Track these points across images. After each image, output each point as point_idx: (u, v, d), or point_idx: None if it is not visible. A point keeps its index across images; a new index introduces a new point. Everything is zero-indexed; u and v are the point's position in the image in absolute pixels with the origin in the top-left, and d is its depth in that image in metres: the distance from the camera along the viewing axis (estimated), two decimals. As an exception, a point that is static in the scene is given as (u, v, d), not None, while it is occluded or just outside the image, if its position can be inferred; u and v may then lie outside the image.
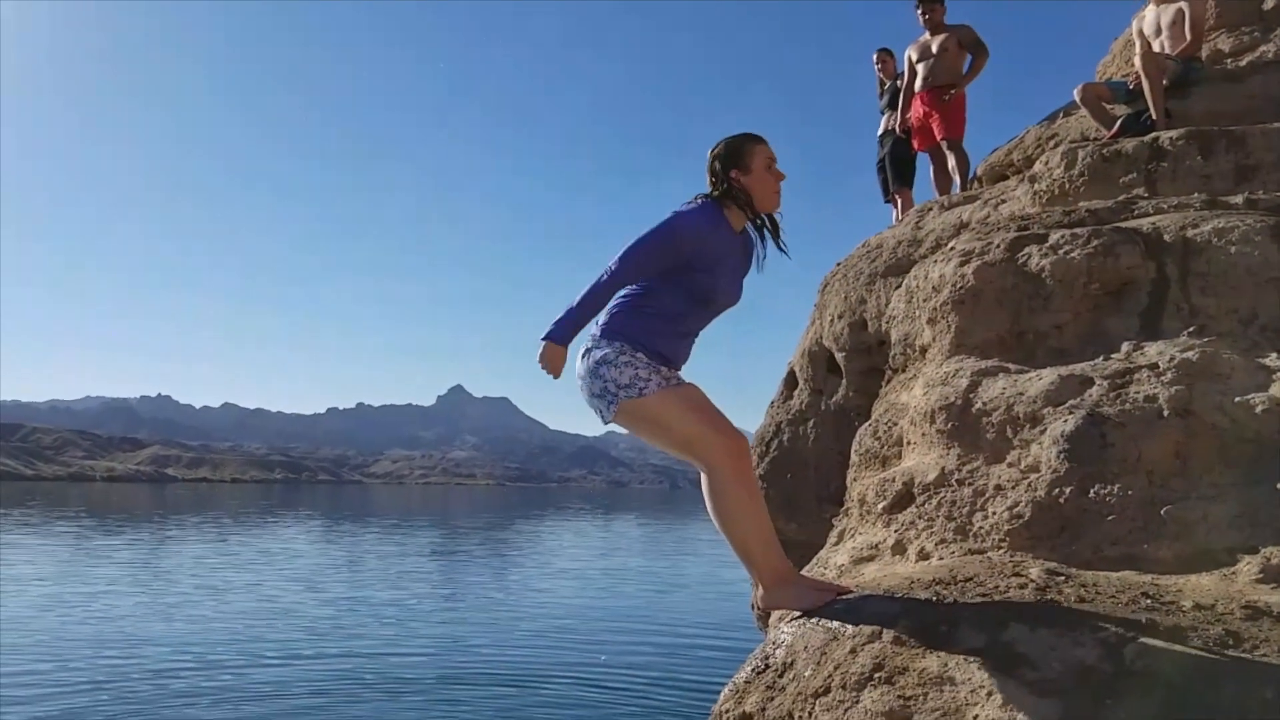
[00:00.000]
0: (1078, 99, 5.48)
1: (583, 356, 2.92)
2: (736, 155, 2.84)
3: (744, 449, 2.90)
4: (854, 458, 3.69)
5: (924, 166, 7.98)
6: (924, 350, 3.70)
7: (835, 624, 2.66)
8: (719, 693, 2.91)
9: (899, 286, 4.15)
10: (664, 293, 2.85)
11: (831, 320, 4.70)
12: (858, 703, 2.35)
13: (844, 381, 4.77)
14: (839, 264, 4.92)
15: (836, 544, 3.50)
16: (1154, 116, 4.97)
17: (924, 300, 3.71)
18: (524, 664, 12.56)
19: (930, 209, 4.47)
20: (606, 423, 2.96)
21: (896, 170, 7.97)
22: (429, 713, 10.19)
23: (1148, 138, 4.42)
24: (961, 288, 3.50)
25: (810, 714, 2.45)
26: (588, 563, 28.20)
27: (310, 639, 14.39)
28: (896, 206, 7.81)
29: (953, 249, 3.79)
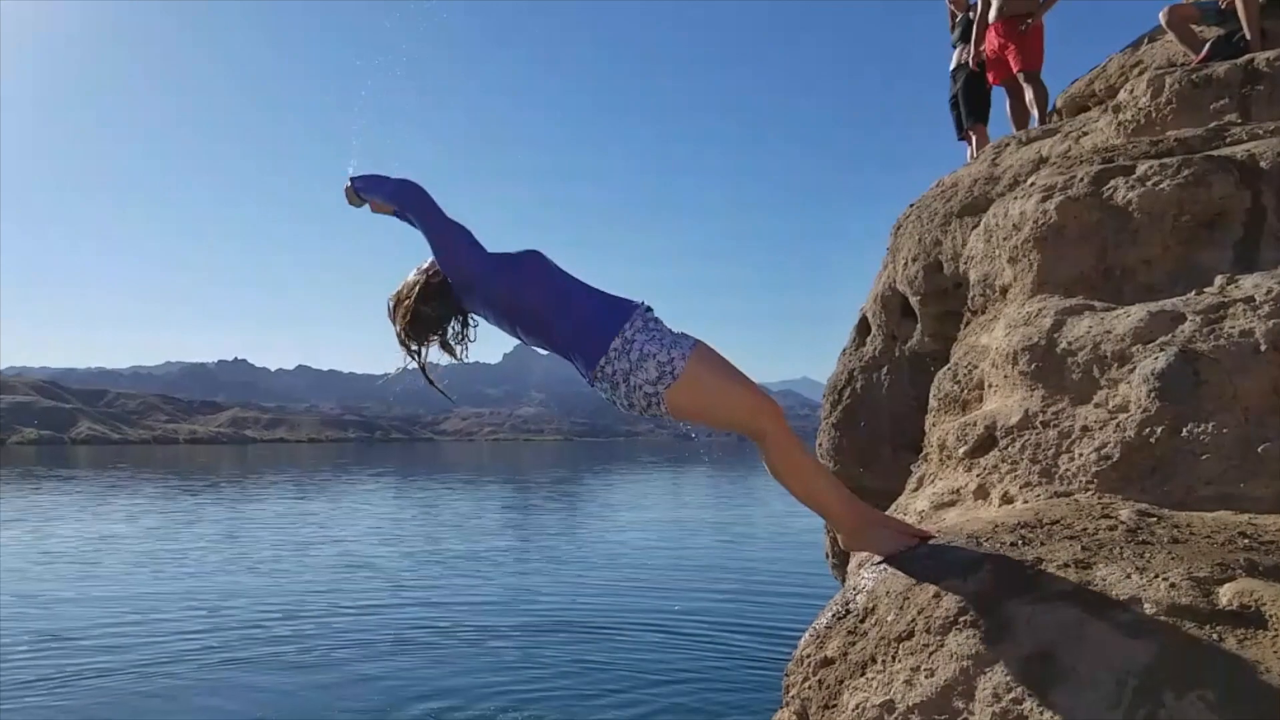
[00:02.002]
0: (1163, 22, 5.23)
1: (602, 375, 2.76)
2: None
3: (778, 406, 2.82)
4: (932, 402, 3.61)
5: (999, 101, 7.72)
6: (1004, 290, 3.60)
7: (918, 568, 2.62)
8: (796, 638, 2.91)
9: (976, 226, 4.03)
10: None
11: (905, 263, 4.59)
12: (943, 646, 2.31)
13: (919, 326, 4.67)
14: (912, 205, 4.79)
15: (916, 490, 3.45)
16: (1248, 37, 4.72)
17: (1004, 239, 3.60)
18: (598, 613, 12.76)
19: (1007, 145, 4.31)
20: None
21: (970, 106, 7.71)
22: (507, 660, 10.42)
23: (1240, 60, 4.20)
24: (1044, 224, 3.38)
25: (894, 658, 2.42)
26: (657, 514, 28.42)
27: (390, 590, 14.80)
28: (971, 144, 7.58)
29: (1033, 184, 3.66)
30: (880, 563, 2.75)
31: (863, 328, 5.19)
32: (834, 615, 2.74)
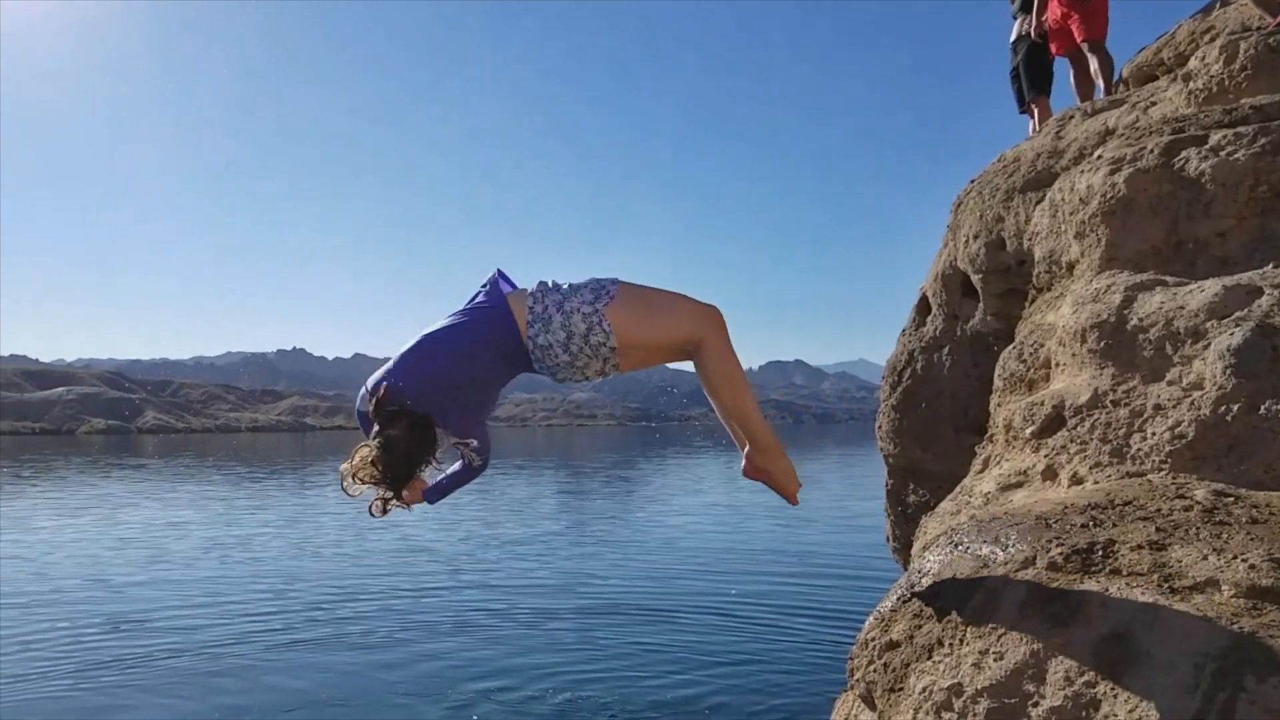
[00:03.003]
0: (1236, -14, 5.05)
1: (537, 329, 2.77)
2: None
3: (719, 312, 2.84)
4: (997, 382, 3.54)
5: (1062, 72, 7.51)
6: (1071, 267, 3.51)
7: (986, 551, 2.58)
8: (856, 622, 2.88)
9: (1040, 201, 3.93)
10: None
11: (967, 241, 4.49)
12: (1012, 629, 2.28)
13: (981, 305, 4.58)
14: (973, 181, 4.69)
15: (981, 472, 3.39)
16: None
17: (1070, 213, 3.50)
18: (654, 596, 12.80)
19: (1071, 117, 4.19)
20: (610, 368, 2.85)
21: (1032, 78, 7.52)
22: (564, 641, 10.51)
23: (1320, 24, 4.04)
24: (1112, 198, 3.28)
25: (961, 641, 2.39)
26: (712, 498, 28.40)
27: (448, 573, 15.00)
28: (1033, 117, 7.39)
29: (1100, 157, 3.56)
30: (947, 545, 2.71)
31: (923, 307, 5.10)
32: (899, 598, 2.71)
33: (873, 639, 2.67)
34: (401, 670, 9.47)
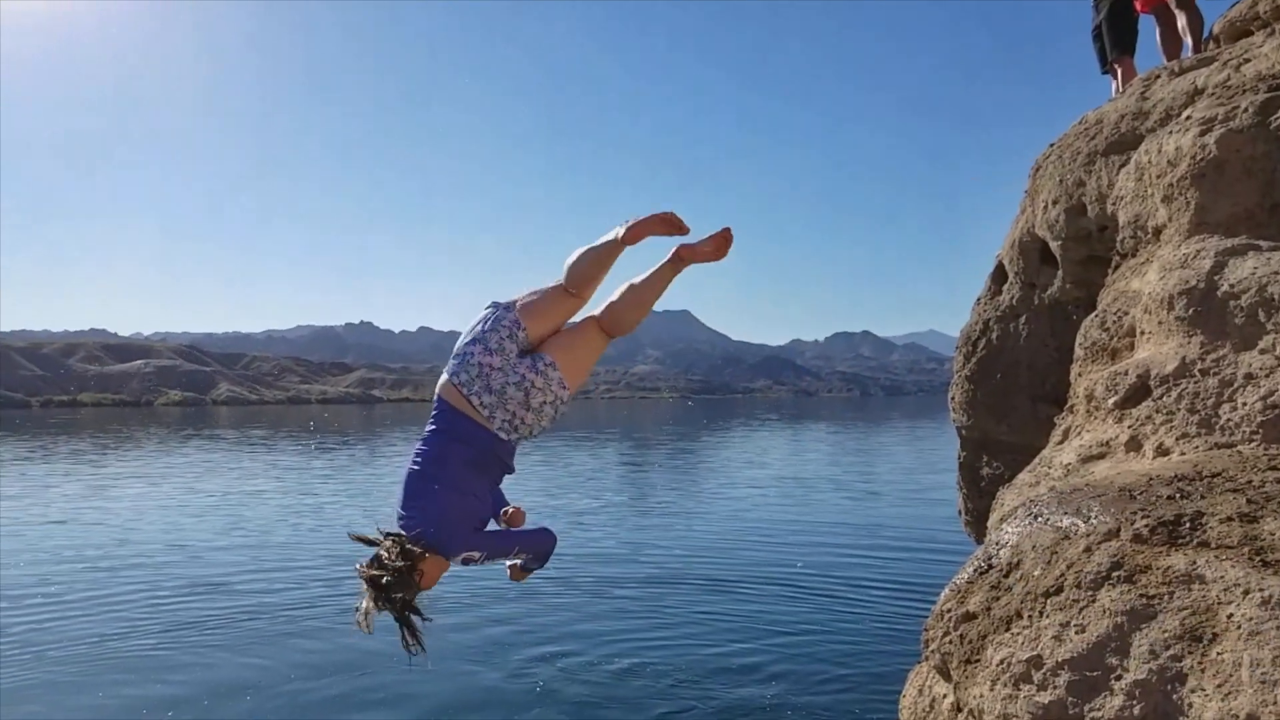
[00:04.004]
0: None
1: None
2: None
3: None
4: (1078, 351, 3.45)
5: (1147, 30, 7.24)
6: (1158, 232, 3.39)
7: (1067, 523, 2.53)
8: (926, 594, 2.86)
9: (1125, 164, 3.80)
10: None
11: (1045, 207, 4.36)
12: (1094, 602, 2.22)
13: (1060, 273, 4.45)
14: (1052, 145, 4.55)
15: (1061, 443, 3.31)
16: None
17: (1157, 176, 3.38)
18: (720, 568, 12.84)
19: (1157, 76, 4.03)
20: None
21: (1115, 36, 7.24)
22: (629, 609, 10.60)
23: None
24: (1202, 159, 3.16)
25: (1041, 613, 2.34)
26: (778, 471, 28.31)
27: (515, 543, 15.21)
28: (1116, 77, 7.14)
29: (1189, 118, 3.43)
30: (1026, 517, 2.66)
31: (999, 275, 4.97)
32: (976, 570, 2.67)
33: (948, 611, 2.63)
34: (469, 634, 9.66)
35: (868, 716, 7.21)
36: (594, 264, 3.24)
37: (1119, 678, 2.03)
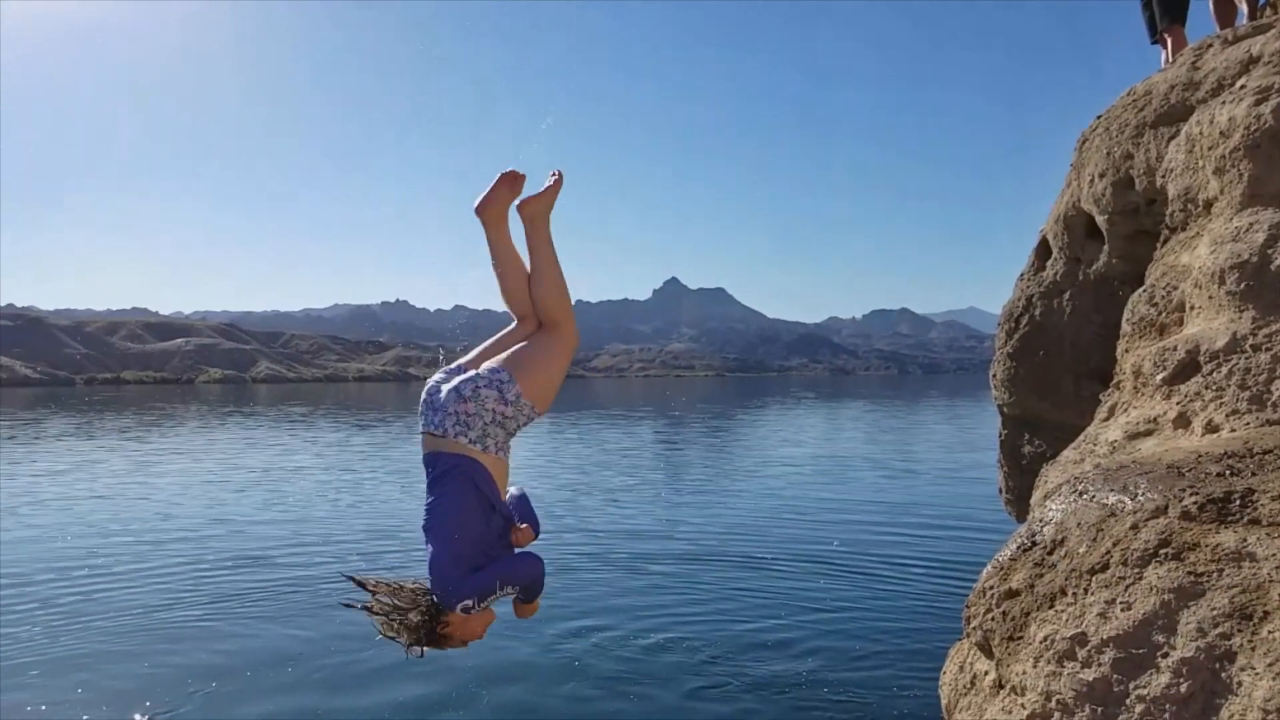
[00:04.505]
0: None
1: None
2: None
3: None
4: (1125, 327, 3.39)
5: (1199, -1, 7.06)
6: (1209, 205, 3.31)
7: (1113, 499, 2.49)
8: (964, 572, 2.84)
9: (1174, 136, 3.71)
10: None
11: (1092, 180, 4.28)
12: (1140, 579, 2.20)
13: (1106, 247, 4.36)
14: (1099, 117, 4.45)
15: (1107, 420, 3.26)
16: None
17: (1209, 148, 3.30)
18: (756, 545, 12.84)
19: (1209, 45, 3.91)
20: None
21: (1166, 4, 7.06)
22: (664, 585, 10.65)
23: None
24: (1256, 130, 3.07)
25: (1085, 590, 2.32)
26: (814, 449, 28.21)
27: (550, 520, 15.30)
28: (1166, 47, 6.97)
29: (1243, 87, 3.34)
30: (1071, 494, 2.63)
31: (1042, 250, 4.90)
32: (1019, 547, 2.64)
33: (991, 587, 2.61)
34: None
35: (904, 693, 7.20)
36: (502, 275, 3.30)
37: (1166, 655, 2.01)
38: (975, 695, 2.66)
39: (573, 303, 3.35)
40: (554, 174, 3.23)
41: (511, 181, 3.20)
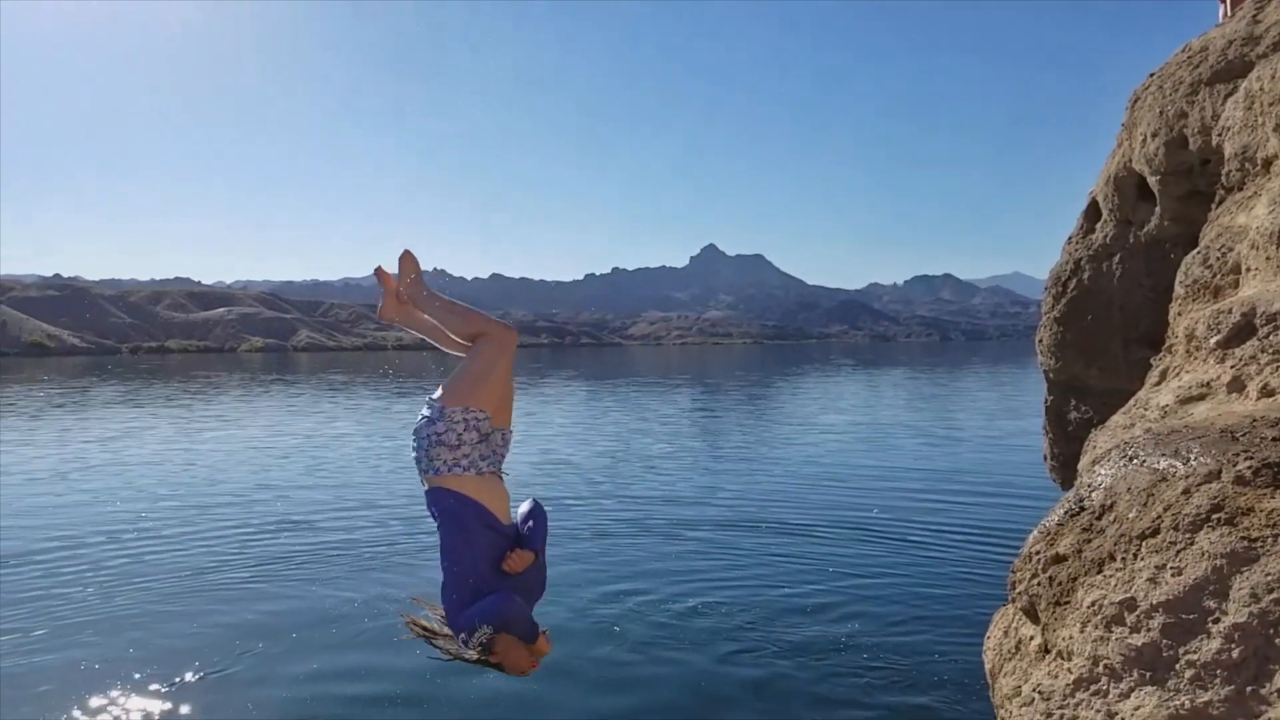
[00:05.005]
0: None
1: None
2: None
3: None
4: (1178, 290, 3.31)
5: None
6: (1268, 163, 3.21)
7: (1164, 464, 2.45)
8: (1007, 538, 2.81)
9: (1232, 93, 3.60)
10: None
11: (1144, 139, 4.17)
12: (1192, 544, 2.16)
13: (1157, 209, 4.26)
14: (1152, 75, 4.33)
15: (1158, 384, 3.19)
16: None
17: (1269, 105, 3.20)
18: (795, 511, 12.83)
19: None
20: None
21: (1225, -42, 6.87)
22: (702, 550, 10.69)
23: None
24: (1319, 85, 2.99)
25: (1135, 555, 2.29)
26: (854, 417, 28.05)
27: (586, 485, 15.40)
28: (1224, 2, 6.78)
29: (1306, 41, 3.24)
30: (1120, 459, 2.59)
31: (1092, 213, 4.79)
32: (1066, 512, 2.61)
33: (1037, 553, 2.59)
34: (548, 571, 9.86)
35: (944, 659, 7.17)
36: (437, 342, 3.55)
37: (1217, 621, 1.98)
38: (1020, 660, 2.64)
39: (491, 315, 3.52)
40: (402, 252, 3.56)
41: (389, 280, 3.57)
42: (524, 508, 3.41)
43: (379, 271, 3.52)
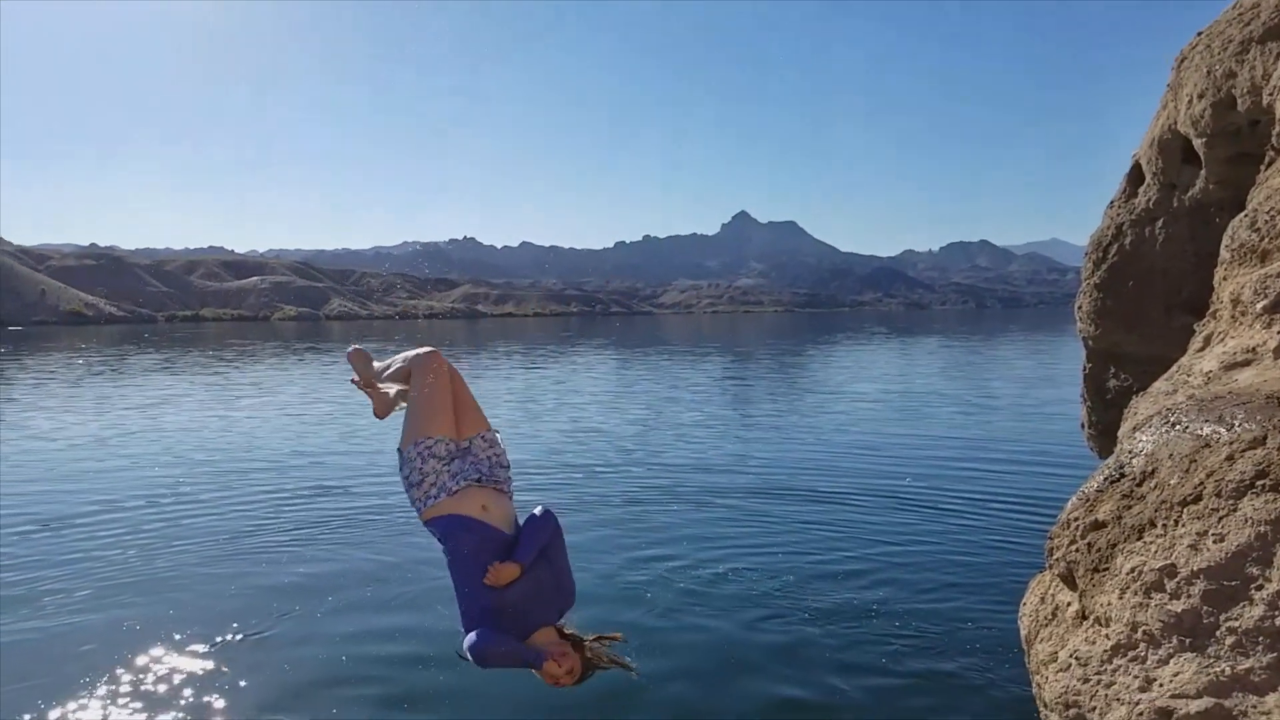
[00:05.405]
0: None
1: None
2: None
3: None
4: (1224, 254, 3.24)
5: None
6: (1320, 123, 3.14)
7: (1208, 430, 2.42)
8: (1042, 506, 2.78)
9: (1283, 51, 3.51)
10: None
11: (1190, 101, 4.07)
12: (1235, 510, 2.14)
13: (1203, 172, 4.16)
14: (1199, 34, 4.22)
15: (1201, 350, 3.14)
16: None
17: (1322, 63, 3.12)
18: (826, 479, 12.80)
19: (1324, -45, 3.68)
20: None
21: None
22: (732, 517, 10.70)
23: None
24: (1376, 43, 2.89)
25: (1176, 522, 2.27)
26: (887, 385, 27.88)
27: (617, 452, 15.45)
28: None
29: (1362, -3, 3.14)
30: (1163, 425, 2.55)
31: (1135, 177, 4.69)
32: (1106, 479, 2.58)
33: (1076, 519, 2.57)
34: (575, 534, 9.93)
35: (976, 625, 7.16)
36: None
37: (1260, 588, 1.96)
38: (1057, 626, 2.63)
39: (411, 351, 3.66)
40: (349, 352, 3.76)
41: (362, 383, 3.82)
42: (534, 512, 3.40)
43: (355, 383, 3.78)
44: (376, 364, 3.65)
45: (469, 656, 3.07)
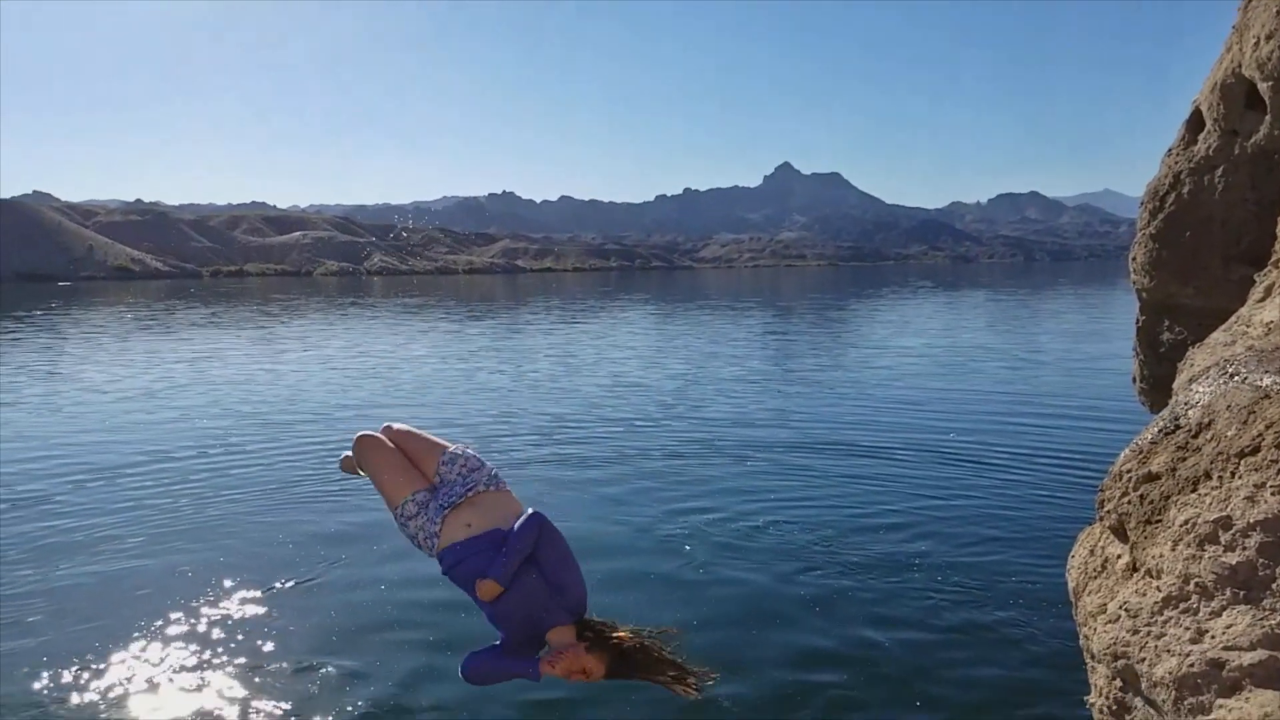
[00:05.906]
0: None
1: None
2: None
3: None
4: (1287, 200, 3.15)
5: None
6: (1395, 63, 3.01)
7: (1267, 381, 2.36)
8: (1092, 460, 2.73)
9: (1357, -12, 3.36)
10: None
11: (1257, 42, 3.90)
12: (1296, 464, 2.09)
13: (1268, 118, 3.99)
14: (1267, -29, 4.06)
15: (1262, 300, 3.05)
16: None
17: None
18: (870, 434, 12.73)
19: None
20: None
21: None
22: (776, 471, 10.69)
23: None
24: None
25: (1233, 474, 2.22)
26: (932, 339, 27.57)
27: (658, 406, 15.48)
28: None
29: None
30: (1220, 376, 2.50)
31: (1194, 123, 4.52)
32: (1160, 430, 2.54)
33: (1128, 471, 2.52)
34: (613, 487, 10.03)
35: (1018, 579, 7.12)
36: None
37: (1320, 541, 1.92)
38: (1106, 579, 2.60)
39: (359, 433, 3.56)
40: (341, 460, 3.67)
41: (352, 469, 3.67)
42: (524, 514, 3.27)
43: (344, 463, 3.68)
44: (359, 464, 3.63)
45: (465, 679, 3.17)
